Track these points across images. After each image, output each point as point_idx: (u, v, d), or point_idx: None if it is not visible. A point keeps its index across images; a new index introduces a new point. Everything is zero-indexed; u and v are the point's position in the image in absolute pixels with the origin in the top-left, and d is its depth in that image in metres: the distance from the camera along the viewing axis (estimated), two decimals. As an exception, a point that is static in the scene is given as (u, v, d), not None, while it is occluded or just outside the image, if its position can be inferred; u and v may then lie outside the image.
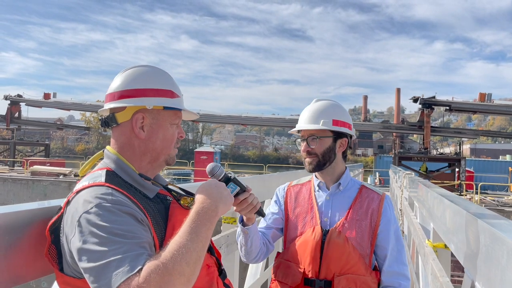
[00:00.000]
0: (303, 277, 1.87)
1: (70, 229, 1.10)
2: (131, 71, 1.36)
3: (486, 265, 1.42)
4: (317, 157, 1.94)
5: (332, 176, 2.00)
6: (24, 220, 1.25)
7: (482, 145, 78.24)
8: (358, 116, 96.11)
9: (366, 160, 70.98)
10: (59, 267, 1.18)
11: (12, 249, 1.20)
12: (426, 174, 26.50)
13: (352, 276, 1.82)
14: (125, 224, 1.08)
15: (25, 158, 31.99)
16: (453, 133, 33.86)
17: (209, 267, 1.33)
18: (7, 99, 40.00)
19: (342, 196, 1.97)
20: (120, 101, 1.31)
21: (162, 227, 1.23)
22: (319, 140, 1.93)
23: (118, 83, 1.34)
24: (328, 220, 1.92)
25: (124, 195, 1.17)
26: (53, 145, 75.88)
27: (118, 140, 1.33)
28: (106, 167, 1.28)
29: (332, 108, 1.99)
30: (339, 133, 1.97)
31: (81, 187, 1.19)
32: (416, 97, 30.60)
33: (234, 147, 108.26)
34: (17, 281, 1.22)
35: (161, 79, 1.37)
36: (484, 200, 20.25)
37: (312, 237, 1.88)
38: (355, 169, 18.79)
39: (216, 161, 28.31)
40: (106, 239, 1.04)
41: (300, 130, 2.00)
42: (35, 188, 21.30)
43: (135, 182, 1.27)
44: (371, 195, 1.96)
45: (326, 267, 1.84)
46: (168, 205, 1.31)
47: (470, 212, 1.75)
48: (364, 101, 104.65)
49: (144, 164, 1.33)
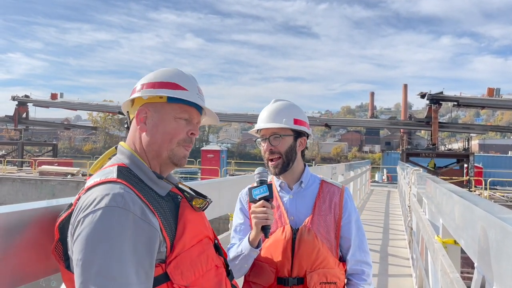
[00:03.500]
0: (276, 276, 1.89)
1: (74, 226, 1.10)
2: (148, 75, 1.39)
3: (497, 260, 1.41)
4: (281, 158, 1.95)
5: (293, 175, 2.02)
6: (32, 218, 1.25)
7: (490, 141, 77.70)
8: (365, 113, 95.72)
9: (373, 157, 70.62)
10: (65, 264, 1.17)
11: (20, 247, 1.20)
12: (434, 170, 26.35)
13: (323, 271, 1.87)
14: (124, 251, 1.05)
15: (33, 158, 32.28)
16: (461, 129, 33.62)
17: (218, 267, 1.32)
18: (15, 99, 40.33)
19: (305, 193, 2.00)
20: (131, 98, 1.35)
21: (172, 226, 1.21)
22: (281, 139, 1.96)
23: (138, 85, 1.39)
24: (294, 219, 1.95)
25: (135, 194, 1.14)
26: (60, 145, 76.42)
27: (131, 137, 1.34)
28: (118, 163, 1.26)
29: (292, 108, 2.03)
30: (299, 132, 2.00)
31: (92, 183, 1.17)
32: (423, 93, 30.39)
33: (240, 145, 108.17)
34: (26, 279, 1.23)
35: (167, 74, 1.36)
36: (493, 196, 20.13)
37: (282, 236, 1.90)
38: (362, 166, 18.72)
39: (223, 160, 28.41)
40: (96, 256, 1.03)
41: (260, 130, 2.01)
42: (44, 188, 21.48)
43: (147, 179, 1.25)
44: (331, 189, 2.01)
45: (298, 265, 1.87)
46: (178, 204, 1.29)
47: (480, 208, 1.74)
48: (371, 98, 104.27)
49: (152, 161, 1.31)
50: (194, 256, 1.21)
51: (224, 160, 29.02)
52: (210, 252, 1.29)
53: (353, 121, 48.87)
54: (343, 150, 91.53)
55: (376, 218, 11.65)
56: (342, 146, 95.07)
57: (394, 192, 19.66)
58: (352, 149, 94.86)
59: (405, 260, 7.14)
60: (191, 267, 1.19)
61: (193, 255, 1.21)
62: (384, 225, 10.62)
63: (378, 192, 20.16)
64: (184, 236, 1.21)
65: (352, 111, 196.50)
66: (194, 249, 1.22)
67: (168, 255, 1.16)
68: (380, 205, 15.02)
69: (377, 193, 19.87)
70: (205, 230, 1.31)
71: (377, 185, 25.79)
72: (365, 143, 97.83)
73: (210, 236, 1.34)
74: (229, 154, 51.42)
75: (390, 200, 16.67)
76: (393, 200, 16.41)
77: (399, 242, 8.58)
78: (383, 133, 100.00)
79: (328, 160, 76.77)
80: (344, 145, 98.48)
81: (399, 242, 8.62)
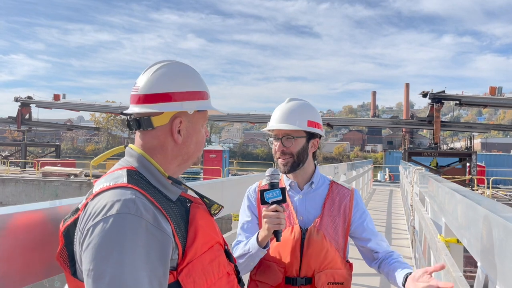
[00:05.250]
0: (284, 276, 1.90)
1: (83, 235, 1.05)
2: (164, 71, 1.26)
3: (500, 259, 1.41)
4: (292, 158, 1.95)
5: (304, 176, 2.02)
6: (35, 219, 1.26)
7: (493, 139, 77.52)
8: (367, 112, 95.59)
9: (375, 156, 70.61)
10: (71, 270, 1.13)
11: (24, 248, 1.21)
12: (436, 169, 26.30)
13: (331, 271, 1.88)
14: (137, 260, 1.01)
15: (36, 159, 32.33)
16: (463, 128, 33.52)
17: (229, 275, 1.27)
18: (18, 101, 40.43)
19: (314, 194, 2.00)
20: (158, 105, 1.22)
21: (183, 231, 1.16)
22: (294, 140, 1.95)
23: (152, 84, 1.24)
24: (303, 219, 1.95)
25: (147, 200, 1.10)
26: (63, 145, 76.50)
27: (148, 143, 1.24)
28: (126, 166, 1.21)
29: (306, 108, 2.01)
30: (312, 133, 1.99)
31: (100, 189, 1.11)
32: (425, 92, 30.34)
33: (242, 145, 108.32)
34: (30, 279, 1.23)
35: (196, 80, 1.30)
36: (496, 194, 20.08)
37: (291, 236, 1.90)
38: (364, 165, 18.69)
39: (225, 160, 28.43)
40: (108, 266, 0.99)
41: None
42: (47, 188, 21.53)
43: (158, 183, 1.20)
44: (341, 191, 2.02)
45: (307, 265, 1.88)
46: (188, 208, 1.23)
47: (483, 206, 1.73)
48: (373, 97, 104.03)
49: (172, 167, 1.26)
50: (206, 263, 1.17)
51: (226, 160, 29.01)
52: (222, 258, 1.25)
53: (355, 120, 48.72)
54: (345, 150, 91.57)
55: (379, 217, 11.62)
56: (344, 145, 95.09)
57: (396, 192, 19.64)
58: (354, 149, 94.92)
59: (408, 259, 7.13)
60: (203, 275, 1.15)
61: (205, 262, 1.17)
62: (386, 225, 10.61)
63: (380, 192, 20.14)
64: (196, 242, 1.16)
65: (354, 111, 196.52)
66: (206, 256, 1.18)
67: (179, 262, 1.12)
68: (383, 204, 14.99)
69: (379, 192, 19.85)
70: (216, 236, 1.27)
71: (379, 185, 25.75)
72: (367, 143, 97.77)
73: (221, 242, 1.30)
74: (231, 154, 51.40)
75: (392, 199, 16.65)
76: (395, 200, 16.40)
77: (401, 241, 8.57)
78: (385, 133, 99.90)
79: (330, 159, 76.83)
80: (346, 144, 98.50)
81: (402, 241, 8.61)
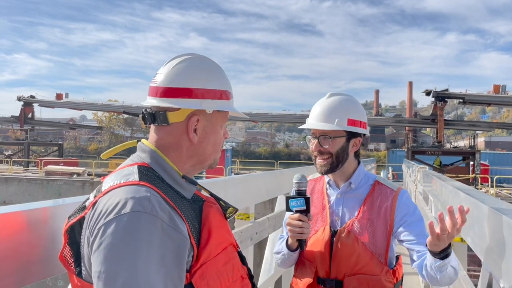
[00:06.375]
0: (316, 275, 1.86)
1: (93, 234, 0.99)
2: (187, 65, 1.19)
3: (504, 258, 1.40)
4: (331, 158, 1.85)
5: (343, 175, 1.92)
6: (39, 218, 1.26)
7: (497, 138, 77.18)
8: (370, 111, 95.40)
9: (378, 155, 70.49)
10: (75, 271, 1.07)
11: (27, 246, 1.21)
12: (440, 168, 26.21)
13: (364, 277, 1.77)
14: (151, 262, 0.95)
15: (39, 158, 32.41)
16: (467, 126, 33.42)
17: (243, 278, 1.21)
18: (20, 100, 40.50)
19: (353, 194, 1.90)
20: (176, 101, 1.16)
21: (197, 230, 1.11)
22: (332, 140, 1.85)
23: (172, 78, 1.17)
24: (339, 220, 1.88)
25: (161, 198, 1.04)
26: (66, 145, 76.74)
27: (163, 139, 1.18)
28: (138, 162, 1.15)
29: (347, 105, 1.88)
30: (353, 132, 1.88)
31: (110, 186, 1.06)
32: (428, 90, 30.23)
33: (245, 144, 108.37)
34: (33, 278, 1.23)
35: (220, 77, 1.23)
36: (500, 193, 20.01)
37: (322, 237, 1.86)
38: (367, 164, 18.67)
39: (228, 158, 28.45)
40: (121, 268, 0.93)
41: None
42: (50, 187, 21.58)
43: (172, 180, 1.14)
44: (384, 191, 1.88)
45: (336, 267, 1.82)
46: (201, 206, 1.17)
47: (487, 205, 1.73)
48: (376, 96, 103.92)
49: (186, 167, 1.20)
50: (220, 266, 1.11)
51: (229, 159, 29.05)
52: (236, 261, 1.19)
53: (358, 119, 48.51)
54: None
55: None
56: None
57: (399, 190, 19.55)
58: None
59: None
60: (217, 278, 1.10)
61: (219, 264, 1.11)
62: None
63: (384, 190, 20.04)
64: (210, 243, 1.10)
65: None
66: (220, 258, 1.12)
67: (193, 263, 1.07)
68: (386, 203, 14.93)
69: (383, 191, 19.76)
70: (230, 237, 1.21)
71: (383, 183, 25.57)
72: (370, 141, 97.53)
73: (234, 244, 1.24)
74: (234, 153, 51.42)
75: (395, 198, 16.57)
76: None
77: (405, 240, 8.53)
78: (388, 131, 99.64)
79: (333, 158, 76.49)
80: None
81: (405, 240, 8.57)
